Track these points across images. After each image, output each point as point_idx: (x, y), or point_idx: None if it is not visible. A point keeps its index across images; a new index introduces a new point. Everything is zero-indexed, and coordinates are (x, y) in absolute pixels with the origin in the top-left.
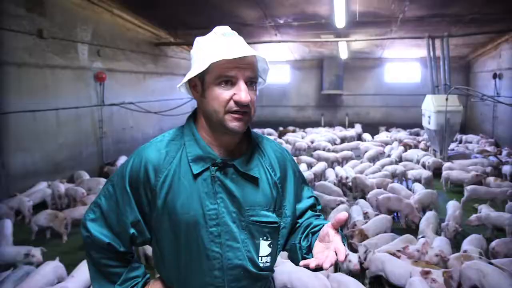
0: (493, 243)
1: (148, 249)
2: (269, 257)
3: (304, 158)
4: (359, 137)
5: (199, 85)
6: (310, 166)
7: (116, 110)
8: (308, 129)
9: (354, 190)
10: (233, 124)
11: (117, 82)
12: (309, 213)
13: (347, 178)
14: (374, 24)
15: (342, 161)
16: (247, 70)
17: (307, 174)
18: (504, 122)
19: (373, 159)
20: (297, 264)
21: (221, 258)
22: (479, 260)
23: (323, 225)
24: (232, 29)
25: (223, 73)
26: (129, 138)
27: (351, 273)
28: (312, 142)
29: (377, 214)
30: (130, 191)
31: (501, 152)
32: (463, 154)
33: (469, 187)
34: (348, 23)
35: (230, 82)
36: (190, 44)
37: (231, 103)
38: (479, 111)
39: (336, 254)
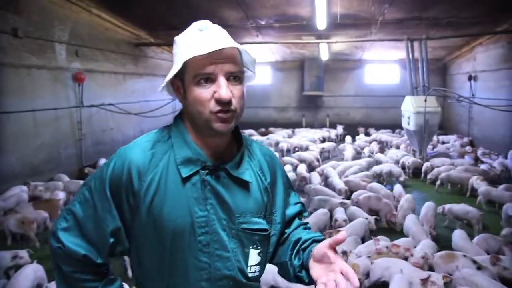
0: (475, 240)
1: None
2: (258, 266)
3: (288, 159)
4: (342, 138)
5: (180, 86)
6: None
7: (96, 111)
8: (297, 130)
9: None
10: (218, 124)
11: (96, 83)
12: (297, 221)
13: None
14: (355, 26)
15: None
16: (226, 64)
17: (291, 175)
18: (479, 122)
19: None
20: (289, 280)
21: (209, 268)
22: (463, 259)
23: (312, 240)
24: None
25: (200, 70)
26: (109, 140)
27: None
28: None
29: (372, 215)
30: (111, 196)
31: (477, 152)
32: (444, 154)
33: (481, 189)
34: (329, 25)
35: (209, 79)
36: (170, 45)
37: (213, 103)
38: (455, 112)
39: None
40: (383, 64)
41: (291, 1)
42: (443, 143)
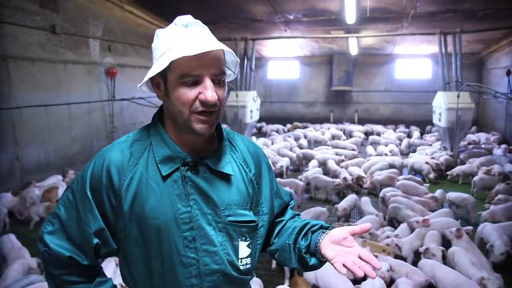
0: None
1: None
2: (249, 258)
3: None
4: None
5: (162, 83)
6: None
7: (127, 105)
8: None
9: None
10: (199, 126)
11: (127, 77)
12: (290, 211)
13: (363, 178)
14: (385, 20)
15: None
16: (212, 67)
17: (317, 170)
18: None
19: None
20: (287, 263)
21: (197, 264)
22: None
23: (320, 225)
24: (242, 25)
25: (186, 71)
26: None
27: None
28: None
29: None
30: (92, 197)
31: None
32: (477, 152)
33: None
34: (358, 19)
35: (195, 81)
36: None
37: (197, 103)
38: (492, 109)
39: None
40: (415, 58)
41: None
42: (473, 141)
